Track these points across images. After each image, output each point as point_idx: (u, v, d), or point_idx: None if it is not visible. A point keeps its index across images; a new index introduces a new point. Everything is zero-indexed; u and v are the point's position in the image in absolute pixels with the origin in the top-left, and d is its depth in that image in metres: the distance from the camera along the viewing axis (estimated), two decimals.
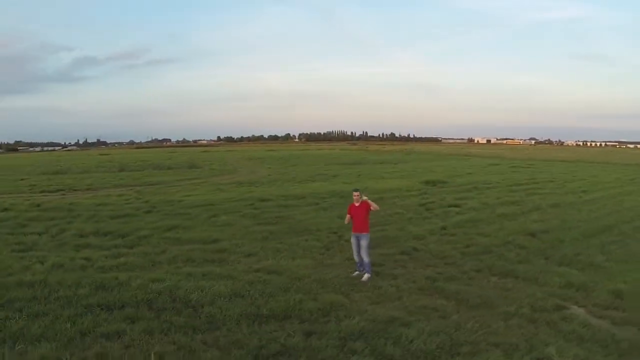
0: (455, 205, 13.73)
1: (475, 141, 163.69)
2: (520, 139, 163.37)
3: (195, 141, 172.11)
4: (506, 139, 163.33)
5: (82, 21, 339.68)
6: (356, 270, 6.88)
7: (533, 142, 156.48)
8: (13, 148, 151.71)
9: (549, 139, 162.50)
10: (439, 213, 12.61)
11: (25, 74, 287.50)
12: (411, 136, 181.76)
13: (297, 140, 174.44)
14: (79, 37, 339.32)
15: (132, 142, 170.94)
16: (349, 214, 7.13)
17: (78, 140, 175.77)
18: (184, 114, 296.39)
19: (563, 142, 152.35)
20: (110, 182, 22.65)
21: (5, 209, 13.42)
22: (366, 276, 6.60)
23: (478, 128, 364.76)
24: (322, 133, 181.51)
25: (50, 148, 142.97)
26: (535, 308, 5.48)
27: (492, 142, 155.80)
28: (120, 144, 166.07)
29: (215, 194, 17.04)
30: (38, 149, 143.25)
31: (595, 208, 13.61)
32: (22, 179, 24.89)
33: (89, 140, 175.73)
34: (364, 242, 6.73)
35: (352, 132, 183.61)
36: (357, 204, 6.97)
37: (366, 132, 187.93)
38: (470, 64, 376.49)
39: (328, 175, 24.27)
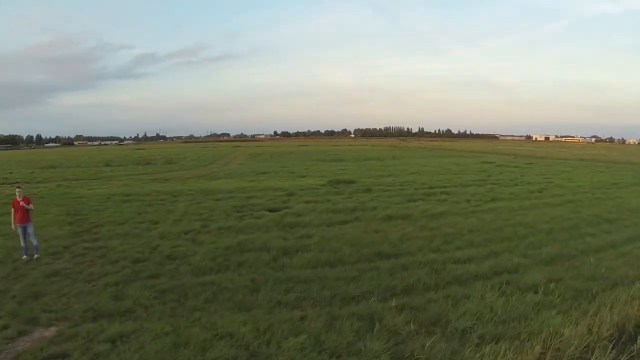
0: (275, 210, 12.02)
1: (534, 138, 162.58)
2: (581, 137, 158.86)
3: (253, 136, 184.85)
4: (566, 136, 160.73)
5: (142, 20, 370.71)
6: (24, 255, 7.87)
7: (593, 140, 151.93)
8: (69, 142, 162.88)
9: (610, 137, 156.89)
10: (235, 217, 11.17)
11: (88, 72, 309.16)
12: (468, 133, 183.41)
13: (352, 135, 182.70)
14: (140, 36, 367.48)
15: (191, 136, 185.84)
16: (13, 207, 8.13)
17: (137, 135, 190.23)
18: (243, 109, 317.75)
19: (625, 140, 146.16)
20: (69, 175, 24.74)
21: None
22: (36, 256, 7.85)
23: (538, 125, 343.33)
24: (377, 129, 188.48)
25: (107, 142, 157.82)
26: None
27: (550, 139, 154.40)
28: (179, 138, 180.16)
29: (108, 189, 17.49)
30: (96, 143, 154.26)
31: (490, 218, 10.99)
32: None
33: (148, 135, 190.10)
34: (30, 230, 8.00)
35: (408, 129, 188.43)
36: (19, 199, 8.06)
37: (422, 128, 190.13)
38: (533, 60, 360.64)
39: (286, 171, 23.86)
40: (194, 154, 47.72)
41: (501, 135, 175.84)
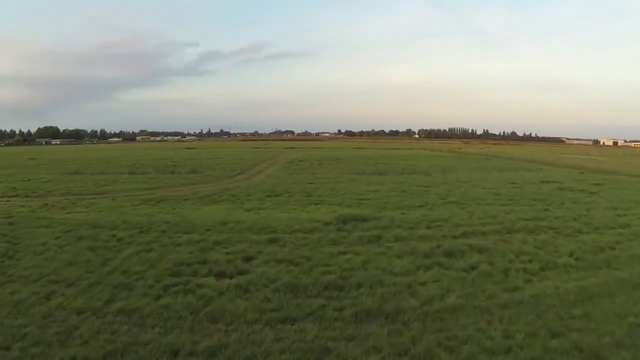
0: (224, 276, 9.31)
1: (601, 143, 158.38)
2: None
3: (317, 134, 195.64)
4: (635, 141, 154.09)
5: (208, 19, 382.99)
6: None
7: None
8: (132, 137, 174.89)
9: None
10: (161, 287, 8.65)
11: (154, 69, 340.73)
12: (533, 135, 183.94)
13: (416, 136, 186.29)
14: (204, 34, 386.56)
15: (255, 133, 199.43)
16: None
17: (201, 130, 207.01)
18: (308, 107, 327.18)
19: None
20: (73, 187, 24.43)
21: None
22: None
23: (607, 128, 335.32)
24: (442, 130, 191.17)
25: (169, 138, 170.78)
26: None
27: (618, 144, 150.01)
28: (243, 134, 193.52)
29: (85, 214, 16.38)
30: (159, 138, 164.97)
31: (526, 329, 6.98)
32: None
33: (212, 131, 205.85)
34: None
35: (472, 130, 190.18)
36: None
37: (487, 130, 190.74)
38: (603, 59, 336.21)
39: (304, 193, 21.19)
40: (232, 159, 47.68)
41: (567, 139, 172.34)
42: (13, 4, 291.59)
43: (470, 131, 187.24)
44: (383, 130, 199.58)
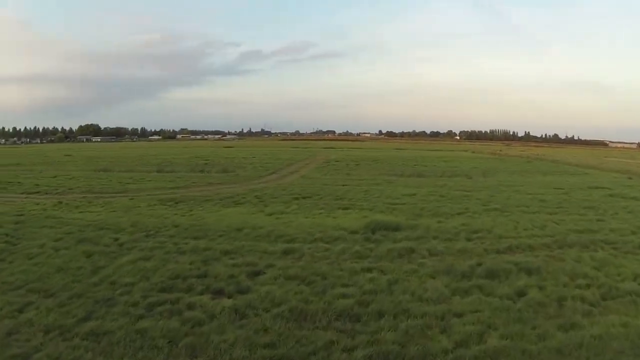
0: (221, 294, 8.69)
1: None
2: None
3: (358, 134, 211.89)
4: None
5: (249, 18, 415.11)
6: None
7: None
8: (172, 136, 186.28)
9: None
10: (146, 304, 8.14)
11: (195, 68, 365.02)
12: (575, 138, 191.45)
13: (457, 137, 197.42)
14: (246, 33, 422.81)
15: (297, 132, 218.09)
16: None
17: (242, 130, 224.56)
18: (349, 107, 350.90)
19: None
20: (95, 185, 25.78)
21: None
22: None
23: None
24: (483, 132, 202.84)
25: (212, 136, 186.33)
26: None
27: None
28: (284, 133, 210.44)
29: (96, 214, 16.86)
30: (199, 137, 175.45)
31: None
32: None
33: (253, 130, 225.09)
34: None
35: (513, 132, 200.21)
36: None
37: (528, 132, 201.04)
38: None
39: (334, 197, 21.25)
40: (268, 158, 49.85)
41: (611, 142, 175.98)
42: (57, 6, 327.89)
43: (511, 133, 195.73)
44: (424, 132, 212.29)
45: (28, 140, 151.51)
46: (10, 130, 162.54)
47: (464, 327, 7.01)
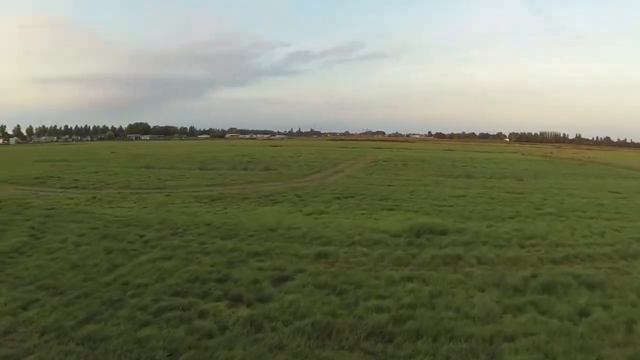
0: (238, 301, 8.22)
1: None
2: None
3: (408, 135, 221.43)
4: None
5: (298, 20, 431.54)
6: None
7: None
8: (221, 135, 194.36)
9: None
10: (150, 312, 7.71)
11: (244, 68, 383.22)
12: (628, 141, 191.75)
13: (507, 139, 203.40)
14: (295, 34, 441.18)
15: (346, 133, 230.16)
16: None
17: (292, 129, 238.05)
18: (399, 108, 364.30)
19: None
20: (134, 181, 26.97)
21: None
22: None
23: None
24: (533, 134, 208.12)
25: (260, 136, 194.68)
26: None
27: None
28: (333, 134, 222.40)
29: (128, 210, 17.27)
30: (248, 136, 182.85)
31: None
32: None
33: (303, 130, 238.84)
34: None
35: (564, 134, 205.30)
36: None
37: (579, 135, 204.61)
38: None
39: (378, 197, 21.23)
40: (314, 157, 51.37)
41: None
42: (110, 9, 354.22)
43: (561, 135, 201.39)
44: (473, 133, 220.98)
45: (79, 138, 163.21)
46: (62, 129, 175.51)
47: (516, 355, 6.17)
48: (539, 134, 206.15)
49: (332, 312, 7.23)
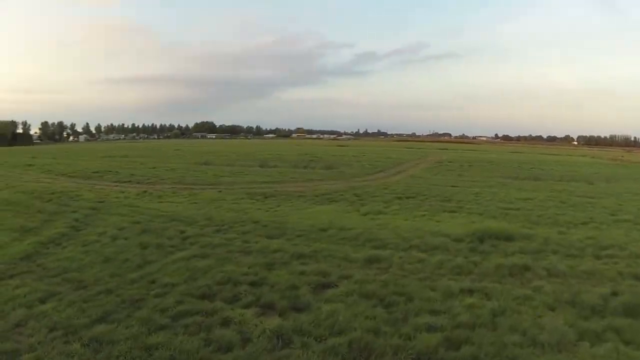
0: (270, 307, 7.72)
1: None
2: None
3: (474, 137, 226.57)
4: None
5: (364, 20, 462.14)
6: None
7: None
8: (286, 135, 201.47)
9: None
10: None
11: (310, 69, 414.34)
12: None
13: (575, 143, 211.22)
14: (360, 35, 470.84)
15: (413, 134, 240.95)
16: None
17: (358, 130, 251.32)
18: (465, 109, 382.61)
19: None
20: (189, 177, 28.01)
21: None
22: None
23: None
24: (602, 137, 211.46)
25: (327, 136, 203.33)
26: None
27: None
28: (400, 135, 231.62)
29: (176, 205, 17.50)
30: (314, 136, 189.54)
31: None
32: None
33: (369, 131, 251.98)
34: None
35: (634, 138, 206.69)
36: None
37: None
38: None
39: (440, 198, 20.95)
40: (378, 157, 52.31)
41: None
42: (178, 11, 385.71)
43: (632, 139, 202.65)
44: (540, 136, 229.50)
45: (146, 136, 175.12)
46: (130, 127, 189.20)
47: None
48: (608, 137, 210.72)
49: (375, 328, 6.39)
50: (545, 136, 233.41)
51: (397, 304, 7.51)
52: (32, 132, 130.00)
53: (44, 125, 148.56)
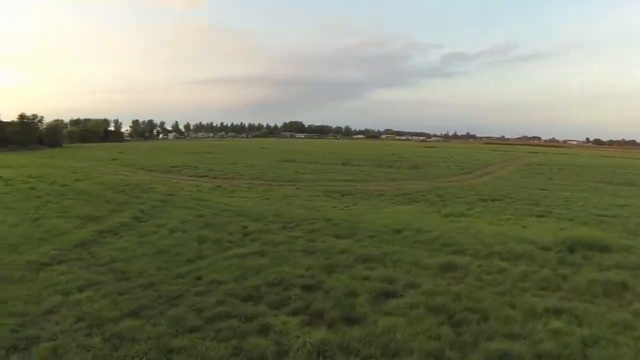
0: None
1: None
2: None
3: (564, 141, 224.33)
4: None
5: (451, 20, 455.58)
6: None
7: None
8: (375, 135, 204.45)
9: None
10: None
11: (399, 70, 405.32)
12: None
13: None
14: (449, 35, 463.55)
15: (502, 137, 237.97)
16: None
17: (447, 132, 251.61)
18: (555, 111, 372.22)
19: None
20: (267, 173, 28.62)
21: None
22: None
23: None
24: None
25: (416, 138, 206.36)
26: None
27: None
28: (489, 138, 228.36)
29: (247, 200, 17.75)
30: (403, 137, 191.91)
31: None
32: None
33: (458, 133, 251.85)
34: None
35: None
36: None
37: None
38: None
39: (528, 202, 20.37)
40: (465, 158, 52.62)
41: None
42: (267, 13, 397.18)
43: None
44: (634, 140, 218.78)
45: (234, 134, 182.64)
46: (218, 125, 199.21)
47: None
48: None
49: (437, 352, 5.49)
50: (639, 140, 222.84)
51: (468, 323, 6.63)
52: (123, 130, 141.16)
53: (135, 123, 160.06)
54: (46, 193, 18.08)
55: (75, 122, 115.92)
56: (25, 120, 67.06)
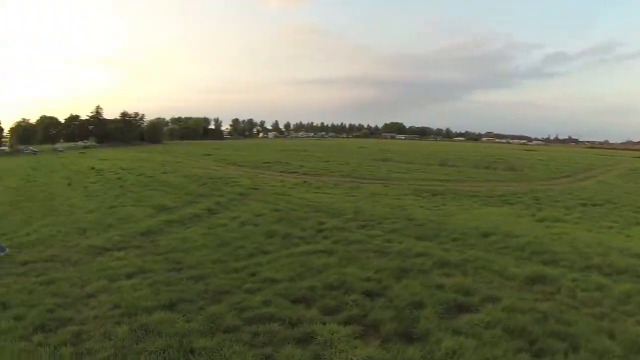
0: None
1: None
2: None
3: None
4: None
5: (553, 19, 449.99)
6: None
7: None
8: (475, 138, 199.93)
9: None
10: None
11: (499, 71, 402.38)
12: None
13: None
14: (550, 35, 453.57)
15: (605, 142, 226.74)
16: None
17: (549, 136, 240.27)
18: None
19: None
20: (358, 170, 28.24)
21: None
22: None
23: None
24: None
25: (516, 141, 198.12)
26: None
27: None
28: (592, 142, 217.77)
29: (331, 197, 17.20)
30: (504, 141, 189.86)
31: None
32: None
33: (560, 137, 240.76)
34: None
35: None
36: None
37: None
38: None
39: (631, 208, 18.70)
40: (565, 161, 50.73)
41: None
42: (367, 15, 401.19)
43: None
44: None
45: (334, 134, 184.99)
46: (318, 125, 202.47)
47: None
48: None
49: None
50: None
51: (552, 353, 5.41)
52: (223, 128, 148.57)
53: (235, 122, 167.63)
54: (130, 183, 19.15)
55: (176, 120, 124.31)
56: (127, 118, 73.02)
